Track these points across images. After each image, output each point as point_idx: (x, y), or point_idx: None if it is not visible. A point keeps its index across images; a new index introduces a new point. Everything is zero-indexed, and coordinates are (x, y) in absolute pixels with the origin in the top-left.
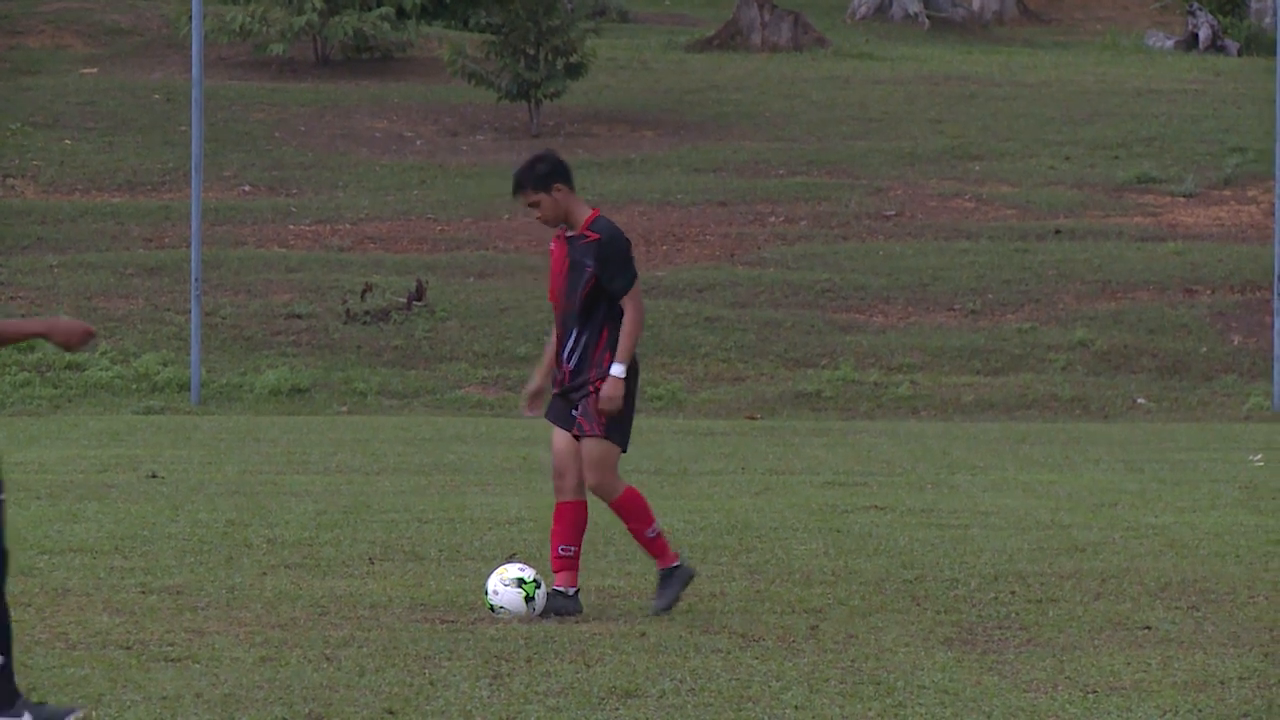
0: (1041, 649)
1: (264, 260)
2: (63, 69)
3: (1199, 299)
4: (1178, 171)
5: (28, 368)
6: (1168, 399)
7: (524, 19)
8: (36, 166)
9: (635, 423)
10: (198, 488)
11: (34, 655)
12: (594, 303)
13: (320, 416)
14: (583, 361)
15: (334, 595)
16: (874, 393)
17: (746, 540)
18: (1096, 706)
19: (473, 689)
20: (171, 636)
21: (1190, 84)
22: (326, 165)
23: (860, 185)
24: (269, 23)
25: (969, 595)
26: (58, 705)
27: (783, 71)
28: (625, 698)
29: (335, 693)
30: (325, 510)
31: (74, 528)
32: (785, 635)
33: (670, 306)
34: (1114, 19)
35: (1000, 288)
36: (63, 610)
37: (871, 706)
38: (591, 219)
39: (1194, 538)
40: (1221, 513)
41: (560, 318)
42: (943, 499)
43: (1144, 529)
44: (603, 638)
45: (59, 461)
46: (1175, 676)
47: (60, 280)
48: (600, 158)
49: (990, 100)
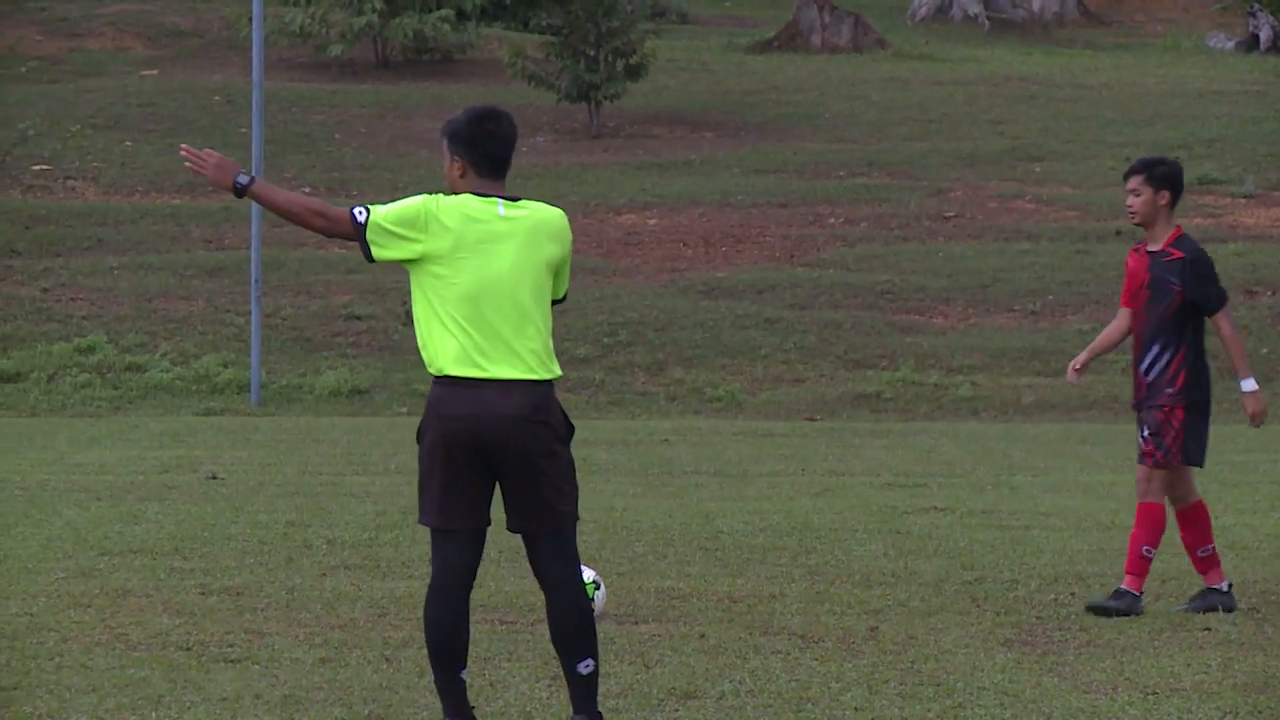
0: (1101, 650)
1: (324, 262)
2: (123, 71)
3: (1260, 300)
4: (1238, 173)
5: (89, 369)
6: (1228, 400)
7: (584, 20)
8: (97, 168)
9: (696, 424)
10: (257, 489)
11: (94, 656)
12: (1181, 321)
13: (380, 418)
14: (1160, 376)
15: (393, 596)
16: (934, 394)
17: (806, 541)
18: (1157, 708)
19: (532, 690)
20: (231, 637)
21: (1252, 85)
22: (387, 166)
23: (920, 186)
24: (329, 24)
25: (1029, 596)
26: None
27: (843, 73)
28: (684, 699)
29: (395, 694)
30: (385, 511)
31: (134, 529)
32: (845, 636)
33: (730, 308)
34: (1175, 20)
35: (1061, 289)
36: (123, 611)
37: (931, 708)
38: (1175, 237)
39: (1254, 539)
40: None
41: (1141, 330)
42: (1003, 500)
43: None
44: (662, 639)
45: (119, 463)
46: (1235, 678)
47: (121, 281)
48: (660, 159)
49: (1051, 101)
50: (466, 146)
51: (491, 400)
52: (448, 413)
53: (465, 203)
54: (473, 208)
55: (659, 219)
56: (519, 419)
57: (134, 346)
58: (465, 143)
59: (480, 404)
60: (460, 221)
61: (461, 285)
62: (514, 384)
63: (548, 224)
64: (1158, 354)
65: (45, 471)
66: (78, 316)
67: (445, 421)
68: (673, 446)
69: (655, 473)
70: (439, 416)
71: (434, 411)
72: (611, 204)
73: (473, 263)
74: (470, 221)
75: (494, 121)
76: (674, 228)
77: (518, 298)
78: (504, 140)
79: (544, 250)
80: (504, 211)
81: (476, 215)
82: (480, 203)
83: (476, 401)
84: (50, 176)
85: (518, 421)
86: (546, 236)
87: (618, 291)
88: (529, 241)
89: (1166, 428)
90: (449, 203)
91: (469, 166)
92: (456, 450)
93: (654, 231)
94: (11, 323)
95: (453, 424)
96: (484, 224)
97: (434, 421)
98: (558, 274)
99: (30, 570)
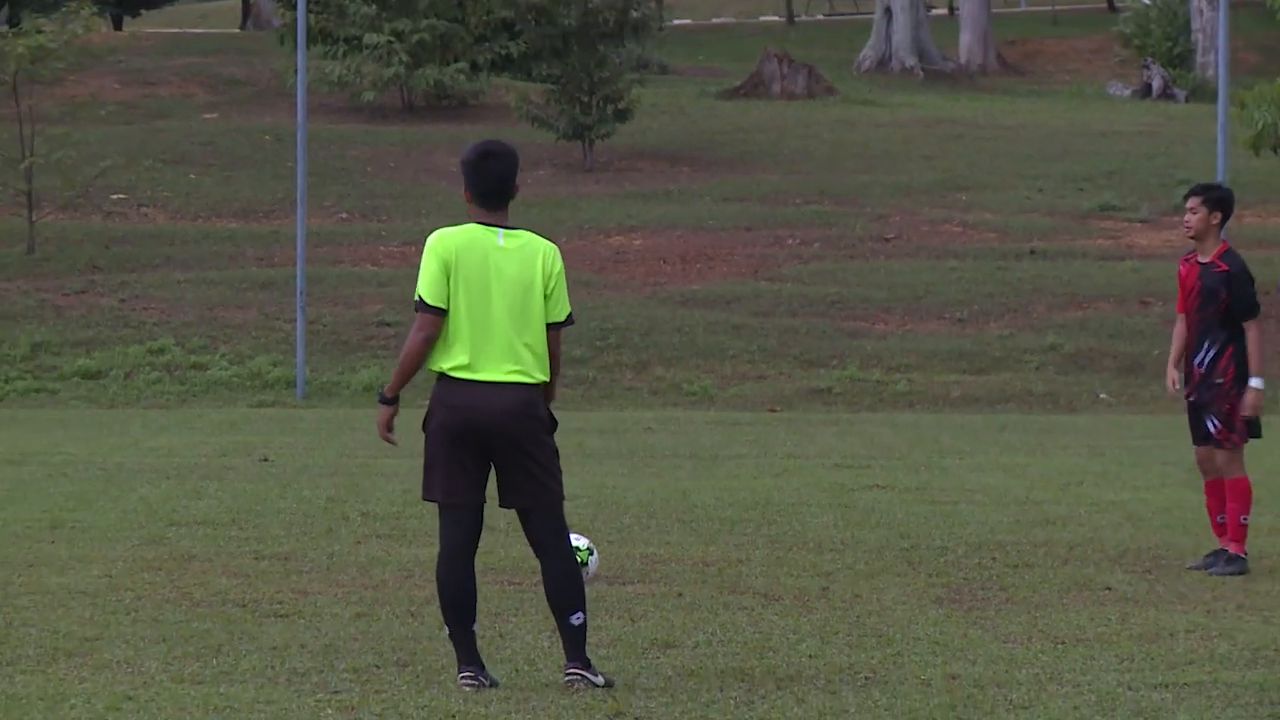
0: (1018, 607)
1: (358, 277)
2: (188, 114)
3: (1152, 309)
4: (1134, 201)
5: (159, 368)
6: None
7: (579, 72)
8: (165, 197)
9: (675, 414)
10: (302, 470)
11: (164, 611)
12: (1227, 323)
13: (407, 409)
14: (1211, 368)
15: (418, 561)
16: (876, 389)
17: (768, 514)
18: (1065, 655)
19: (535, 640)
20: (280, 596)
21: (1145, 126)
22: (411, 195)
23: (864, 213)
24: (362, 75)
25: (957, 561)
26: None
27: (799, 116)
28: (665, 648)
29: (419, 644)
30: (410, 489)
31: (197, 503)
32: (801, 595)
33: (703, 316)
34: (1080, 71)
35: (983, 300)
36: (188, 574)
37: (874, 655)
38: (1222, 251)
39: (1147, 512)
40: (1170, 491)
41: (1194, 331)
42: (934, 479)
43: (1105, 504)
44: (645, 597)
45: (184, 447)
46: (1131, 630)
47: (186, 294)
48: (644, 189)
49: (975, 140)
50: (470, 179)
51: (488, 396)
52: (451, 403)
53: (470, 231)
54: (476, 236)
55: (643, 240)
56: (511, 413)
57: (197, 348)
58: (469, 176)
59: (478, 398)
60: (464, 249)
61: (464, 302)
62: (507, 385)
63: (539, 253)
64: (1207, 349)
65: (122, 455)
66: (150, 323)
67: (449, 411)
68: (655, 434)
69: (640, 456)
70: (444, 407)
71: (438, 403)
72: (602, 228)
73: (475, 284)
74: (473, 248)
75: (492, 159)
76: (655, 248)
77: (512, 314)
78: (500, 176)
79: (535, 275)
80: (503, 241)
81: (479, 242)
82: (483, 231)
83: (475, 396)
84: (126, 204)
85: (510, 415)
86: (538, 263)
87: (608, 302)
88: (522, 267)
89: (1234, 416)
90: (453, 235)
91: (474, 196)
92: (458, 436)
93: (638, 251)
94: (94, 328)
95: (455, 414)
96: (485, 250)
97: (438, 411)
98: (550, 296)
99: (109, 538)
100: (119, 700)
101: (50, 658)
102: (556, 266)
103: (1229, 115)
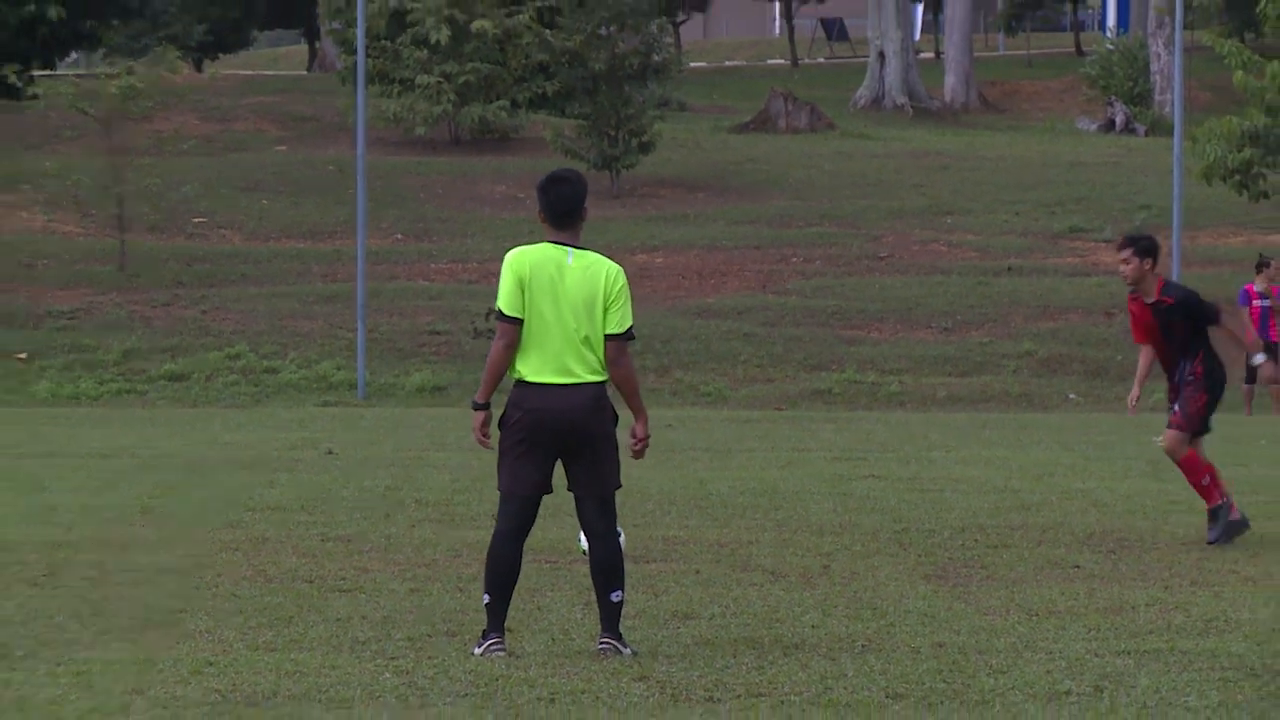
0: (997, 583)
1: (412, 291)
2: (261, 147)
3: (1116, 320)
4: (1100, 223)
5: (236, 371)
6: (1092, 395)
7: (607, 109)
8: (241, 220)
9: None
10: (363, 462)
11: (241, 587)
12: (1191, 340)
13: (455, 409)
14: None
15: (466, 542)
16: (871, 390)
17: (775, 501)
18: (1038, 626)
19: (569, 613)
20: (343, 573)
21: (1109, 157)
22: (458, 220)
23: (861, 234)
24: (415, 112)
25: (943, 542)
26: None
27: (802, 149)
28: (684, 619)
29: (466, 616)
30: (458, 479)
31: (270, 491)
32: (804, 572)
33: (717, 325)
34: (1052, 108)
35: (966, 311)
36: (263, 554)
37: (870, 626)
38: (1161, 286)
39: (1111, 499)
40: (1132, 480)
41: (1166, 357)
42: (923, 470)
43: (1074, 492)
44: (667, 575)
45: (258, 442)
46: (1097, 603)
47: (259, 306)
48: (664, 213)
49: (959, 170)
50: (542, 202)
51: (560, 397)
52: (530, 405)
53: (543, 249)
54: (548, 254)
55: (664, 258)
56: (581, 408)
57: (269, 354)
58: (541, 199)
59: (552, 399)
60: (536, 265)
61: (536, 313)
62: (574, 385)
63: (603, 272)
64: (1182, 365)
65: (204, 449)
66: (227, 332)
67: (529, 413)
68: (675, 430)
69: (662, 450)
70: (524, 409)
71: (518, 405)
72: (628, 247)
73: (545, 297)
74: (544, 264)
75: (561, 184)
76: (675, 265)
77: (578, 324)
78: (565, 199)
79: (598, 291)
80: (571, 260)
81: (550, 259)
82: (555, 250)
83: (549, 398)
84: (207, 227)
85: (580, 410)
86: (601, 280)
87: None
88: (587, 284)
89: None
90: (527, 252)
91: (546, 217)
92: (536, 433)
93: (660, 268)
94: (178, 336)
95: (534, 414)
96: (555, 267)
97: (517, 412)
98: (609, 310)
99: (192, 523)
100: (201, 665)
101: (141, 628)
102: (618, 284)
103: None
